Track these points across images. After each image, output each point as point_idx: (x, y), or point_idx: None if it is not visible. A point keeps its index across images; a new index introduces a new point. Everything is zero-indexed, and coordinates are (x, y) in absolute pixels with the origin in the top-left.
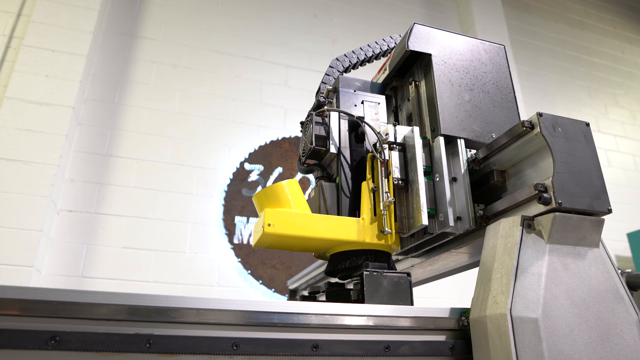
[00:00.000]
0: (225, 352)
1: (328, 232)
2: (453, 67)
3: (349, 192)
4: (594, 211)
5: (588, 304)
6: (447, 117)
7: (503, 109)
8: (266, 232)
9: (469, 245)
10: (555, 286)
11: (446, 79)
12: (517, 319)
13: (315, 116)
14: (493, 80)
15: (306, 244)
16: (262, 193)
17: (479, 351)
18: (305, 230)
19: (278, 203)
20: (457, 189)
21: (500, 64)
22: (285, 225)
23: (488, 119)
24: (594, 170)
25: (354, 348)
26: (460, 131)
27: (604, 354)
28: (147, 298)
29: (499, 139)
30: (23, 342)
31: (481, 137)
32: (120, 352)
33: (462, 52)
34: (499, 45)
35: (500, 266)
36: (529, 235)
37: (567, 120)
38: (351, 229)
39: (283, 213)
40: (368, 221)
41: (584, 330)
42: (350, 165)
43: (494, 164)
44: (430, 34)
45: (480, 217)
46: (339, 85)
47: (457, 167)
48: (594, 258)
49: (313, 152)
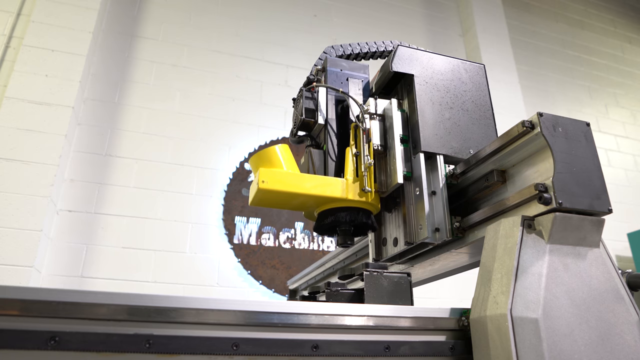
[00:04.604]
0: (225, 352)
1: (315, 189)
2: (434, 86)
3: (335, 157)
4: (594, 211)
5: (588, 304)
6: (428, 134)
7: (481, 126)
8: (260, 188)
9: (470, 246)
10: (555, 286)
11: (427, 98)
12: (518, 319)
13: (305, 92)
14: (472, 99)
15: (296, 201)
16: (257, 156)
17: (479, 351)
18: (295, 187)
19: (271, 164)
20: (436, 202)
21: (479, 82)
22: (277, 182)
23: (467, 135)
24: (595, 170)
25: (354, 348)
26: (440, 147)
27: (605, 354)
28: (147, 298)
29: (493, 142)
30: (23, 342)
31: (460, 153)
32: (120, 352)
33: (444, 72)
34: (479, 64)
35: (500, 266)
36: (529, 235)
37: (567, 120)
38: (336, 187)
39: (275, 172)
40: (351, 181)
41: (584, 331)
42: (336, 134)
43: (493, 164)
44: (413, 55)
45: (456, 228)
46: (327, 65)
47: (436, 181)
48: (595, 258)
49: (303, 123)
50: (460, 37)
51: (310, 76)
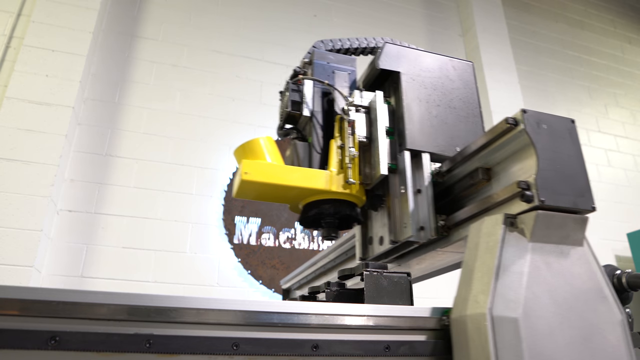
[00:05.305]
0: (225, 352)
1: (299, 180)
2: (421, 84)
3: (320, 149)
4: (578, 209)
5: (570, 304)
6: (414, 132)
7: (468, 123)
8: (243, 180)
9: (456, 244)
10: (537, 285)
11: (414, 96)
12: (497, 318)
13: (292, 84)
14: (460, 96)
15: (280, 193)
16: (241, 148)
17: (460, 351)
18: (279, 179)
19: (254, 156)
20: (421, 200)
21: (467, 80)
22: (260, 174)
23: (454, 133)
24: (579, 167)
25: (354, 348)
26: (426, 145)
27: (586, 354)
28: (147, 298)
29: (478, 140)
30: (23, 342)
31: (446, 151)
32: (120, 352)
33: (431, 69)
34: (468, 62)
35: (481, 265)
36: (512, 233)
37: (552, 117)
38: (320, 179)
39: (259, 163)
40: (335, 173)
41: (565, 330)
42: (321, 126)
43: (477, 163)
44: (400, 53)
45: (441, 227)
46: (314, 57)
47: (422, 179)
48: (578, 257)
49: (289, 116)
50: (460, 37)
51: (296, 68)
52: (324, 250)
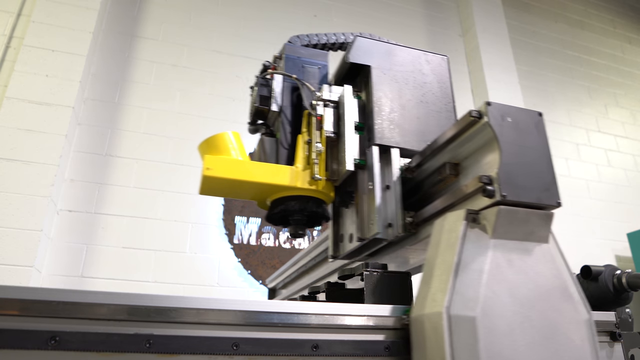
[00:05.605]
0: (225, 352)
1: (262, 176)
2: (393, 78)
3: (287, 145)
4: (542, 204)
5: (533, 303)
6: (383, 127)
7: (441, 118)
8: (205, 175)
9: (425, 242)
10: (497, 283)
11: (385, 90)
12: (454, 317)
13: (261, 79)
14: (433, 91)
15: (244, 189)
16: (205, 142)
17: (418, 351)
18: (242, 175)
19: (218, 151)
20: (389, 197)
21: (442, 74)
22: (223, 170)
23: (425, 128)
24: (545, 162)
25: (354, 348)
26: (395, 140)
27: (547, 355)
28: (147, 298)
29: (444, 134)
30: (23, 342)
31: (417, 146)
32: (120, 352)
33: (403, 63)
34: (443, 56)
35: (441, 262)
36: (473, 229)
37: (518, 110)
38: (284, 175)
39: (221, 159)
40: (301, 169)
41: (526, 330)
42: (290, 122)
43: (444, 158)
44: (371, 46)
45: (409, 224)
46: (285, 52)
47: (390, 175)
48: (543, 254)
49: (257, 111)
50: (460, 37)
51: (266, 63)
52: (305, 248)
